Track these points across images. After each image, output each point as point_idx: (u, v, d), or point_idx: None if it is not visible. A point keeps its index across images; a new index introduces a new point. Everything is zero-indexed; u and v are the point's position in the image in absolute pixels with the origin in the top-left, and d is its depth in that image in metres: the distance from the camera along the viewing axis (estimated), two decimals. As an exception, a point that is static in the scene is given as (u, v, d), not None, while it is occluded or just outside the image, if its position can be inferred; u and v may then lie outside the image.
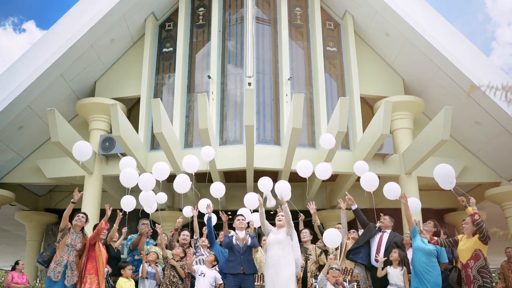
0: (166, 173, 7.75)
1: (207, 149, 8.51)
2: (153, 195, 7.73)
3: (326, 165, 8.18)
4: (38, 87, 11.01)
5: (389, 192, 7.35)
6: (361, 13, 12.35)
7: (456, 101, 11.32)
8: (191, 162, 8.16)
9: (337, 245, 6.92)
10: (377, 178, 7.51)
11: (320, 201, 13.38)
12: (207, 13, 12.72)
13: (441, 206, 13.78)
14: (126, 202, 7.56)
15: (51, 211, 14.41)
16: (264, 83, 11.76)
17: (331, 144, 8.17)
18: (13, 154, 12.03)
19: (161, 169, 7.67)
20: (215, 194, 8.26)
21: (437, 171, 6.60)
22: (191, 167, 8.12)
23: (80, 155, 7.15)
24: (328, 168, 8.07)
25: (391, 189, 7.45)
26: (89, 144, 7.30)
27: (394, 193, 7.41)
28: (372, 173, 7.59)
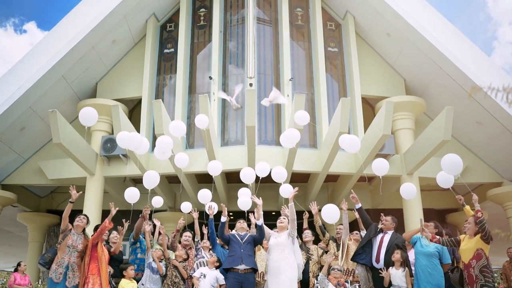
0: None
1: (201, 117, 8.38)
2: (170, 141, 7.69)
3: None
4: (39, 88, 11.03)
5: (405, 192, 7.27)
6: (362, 13, 12.35)
7: (457, 101, 11.31)
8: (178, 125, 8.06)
9: (336, 220, 6.94)
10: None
11: (322, 202, 13.26)
12: (208, 14, 12.72)
13: (443, 206, 13.77)
14: (130, 194, 7.62)
15: (53, 212, 14.43)
16: (265, 84, 11.76)
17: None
18: (15, 155, 12.05)
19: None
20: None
21: (445, 159, 6.59)
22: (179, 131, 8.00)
23: (86, 121, 7.06)
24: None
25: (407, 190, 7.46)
26: (95, 110, 7.21)
27: (410, 193, 7.43)
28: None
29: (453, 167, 6.55)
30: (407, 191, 7.45)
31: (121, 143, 7.33)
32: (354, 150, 7.35)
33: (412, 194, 7.51)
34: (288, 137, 7.85)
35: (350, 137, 7.29)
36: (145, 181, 7.66)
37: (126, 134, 7.38)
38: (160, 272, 6.80)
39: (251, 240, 6.66)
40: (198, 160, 10.87)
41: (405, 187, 7.51)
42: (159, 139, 7.72)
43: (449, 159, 6.55)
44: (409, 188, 7.47)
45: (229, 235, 6.79)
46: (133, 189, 7.89)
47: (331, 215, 6.87)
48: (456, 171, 6.54)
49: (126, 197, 7.75)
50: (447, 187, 7.09)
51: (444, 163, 6.58)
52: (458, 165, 6.51)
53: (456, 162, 6.51)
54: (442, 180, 7.09)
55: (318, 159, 10.95)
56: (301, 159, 10.70)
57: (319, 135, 11.40)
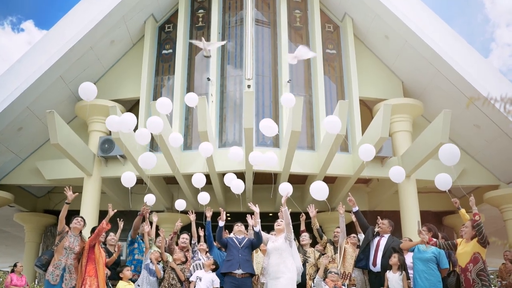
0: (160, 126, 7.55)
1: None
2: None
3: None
4: (37, 88, 11.01)
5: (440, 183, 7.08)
6: (360, 15, 12.36)
7: (455, 104, 11.33)
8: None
9: (325, 198, 6.94)
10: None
11: (319, 203, 13.27)
12: (206, 15, 12.72)
13: (440, 208, 13.80)
14: (127, 178, 7.61)
15: (50, 212, 14.41)
16: (263, 86, 11.77)
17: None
18: (12, 155, 12.03)
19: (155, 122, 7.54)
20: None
21: (443, 149, 6.58)
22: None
23: (86, 95, 7.01)
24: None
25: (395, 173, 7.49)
26: (94, 85, 7.20)
27: (399, 176, 7.49)
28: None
29: (451, 157, 6.52)
30: (396, 174, 7.45)
31: (111, 127, 7.32)
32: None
33: (401, 177, 7.52)
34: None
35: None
36: (141, 162, 7.65)
37: (115, 117, 7.36)
38: (158, 275, 6.80)
39: (249, 245, 6.66)
40: (195, 161, 10.87)
41: (393, 170, 7.51)
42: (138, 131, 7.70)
43: (447, 149, 6.54)
44: (398, 171, 7.48)
45: (227, 238, 6.80)
46: (130, 173, 7.92)
47: (319, 194, 6.83)
48: (453, 160, 6.50)
49: (123, 181, 7.89)
50: (444, 190, 7.09)
51: (441, 153, 6.57)
52: (456, 155, 6.48)
53: (454, 151, 6.49)
54: (440, 183, 7.09)
55: (316, 161, 10.96)
56: (298, 161, 10.72)
57: (316, 137, 11.41)
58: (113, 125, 7.38)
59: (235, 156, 8.34)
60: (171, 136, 8.23)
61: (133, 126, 7.27)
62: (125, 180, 7.89)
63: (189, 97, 8.12)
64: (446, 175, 7.07)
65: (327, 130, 7.73)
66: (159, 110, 7.88)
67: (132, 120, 7.16)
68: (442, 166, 11.08)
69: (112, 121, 7.31)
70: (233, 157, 8.38)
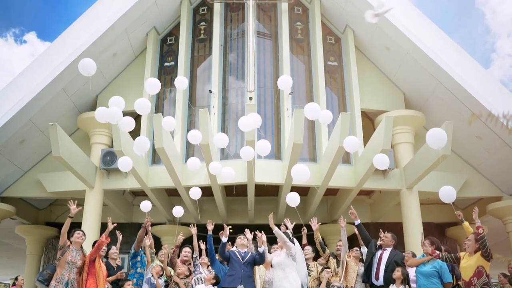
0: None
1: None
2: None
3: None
4: (40, 101, 11.05)
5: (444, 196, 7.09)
6: (361, 27, 12.40)
7: (456, 115, 11.33)
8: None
9: (306, 179, 6.98)
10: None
11: (321, 215, 13.35)
12: (208, 28, 12.77)
13: (443, 220, 13.74)
14: (123, 163, 7.75)
15: (51, 224, 14.38)
16: (265, 97, 11.79)
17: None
18: (14, 168, 12.04)
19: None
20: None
21: (429, 132, 6.53)
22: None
23: (86, 70, 6.96)
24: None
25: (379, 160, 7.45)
26: (92, 61, 7.10)
27: (383, 163, 7.39)
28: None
29: (438, 140, 6.46)
30: (380, 161, 7.43)
31: (100, 118, 7.28)
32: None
33: (385, 164, 7.50)
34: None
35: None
36: (136, 146, 7.61)
37: (104, 109, 7.29)
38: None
39: (252, 260, 6.64)
40: (197, 173, 10.85)
41: (378, 157, 7.49)
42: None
43: (433, 132, 6.48)
44: (382, 158, 7.45)
45: (229, 252, 6.77)
46: (126, 158, 7.88)
47: (300, 176, 6.89)
48: (440, 144, 6.44)
49: (119, 165, 7.90)
50: (448, 202, 7.04)
51: (429, 135, 6.51)
52: (443, 138, 6.42)
53: (440, 134, 6.44)
54: (444, 195, 7.03)
55: (318, 173, 10.93)
56: (300, 173, 10.68)
57: (318, 149, 11.40)
58: (102, 116, 7.30)
59: (193, 166, 8.49)
60: (165, 120, 8.25)
61: (120, 118, 7.17)
62: (138, 145, 7.60)
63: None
64: (450, 187, 7.03)
65: (347, 149, 7.77)
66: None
67: (119, 113, 7.11)
68: (444, 178, 11.19)
69: (101, 112, 7.27)
70: (192, 168, 8.61)
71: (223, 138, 8.12)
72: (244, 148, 8.13)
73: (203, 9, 13.09)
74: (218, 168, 8.62)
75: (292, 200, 7.82)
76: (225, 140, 8.13)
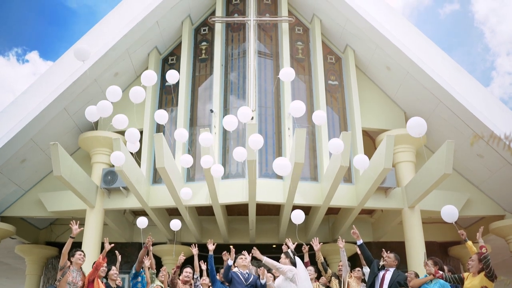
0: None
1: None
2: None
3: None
4: (41, 120, 11.08)
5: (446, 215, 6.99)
6: (362, 47, 12.48)
7: (457, 134, 11.34)
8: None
9: (287, 173, 7.08)
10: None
11: (323, 235, 13.28)
12: (209, 48, 12.87)
13: (445, 239, 13.65)
14: (115, 157, 7.69)
15: (51, 244, 14.28)
16: (266, 117, 11.81)
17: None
18: (15, 187, 12.01)
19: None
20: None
21: (410, 122, 6.48)
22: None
23: (81, 56, 6.88)
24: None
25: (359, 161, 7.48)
26: (87, 47, 6.98)
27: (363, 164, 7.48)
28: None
29: (418, 128, 6.41)
30: (360, 162, 7.39)
31: (89, 117, 7.23)
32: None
33: (364, 164, 7.49)
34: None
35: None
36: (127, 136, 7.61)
37: (93, 107, 7.25)
38: None
39: (254, 284, 6.59)
40: (199, 192, 10.84)
41: (357, 158, 7.45)
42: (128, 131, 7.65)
43: (413, 121, 6.45)
44: (362, 158, 7.42)
45: (231, 273, 6.71)
46: (119, 153, 7.85)
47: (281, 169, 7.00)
48: (419, 132, 6.39)
49: (111, 160, 7.81)
50: (451, 222, 6.99)
51: (409, 125, 6.46)
52: (423, 126, 6.36)
53: (420, 122, 6.38)
54: (446, 215, 6.99)
55: (319, 192, 10.91)
56: (302, 192, 10.67)
57: (320, 168, 11.38)
58: (91, 115, 7.28)
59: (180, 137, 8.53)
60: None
61: (110, 112, 7.15)
62: (114, 159, 7.68)
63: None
64: (452, 207, 7.00)
65: (331, 151, 7.79)
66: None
67: (109, 106, 7.09)
68: (446, 196, 11.15)
69: (90, 111, 7.26)
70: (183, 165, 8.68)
71: (187, 159, 8.37)
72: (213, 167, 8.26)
73: (204, 29, 13.20)
74: (189, 194, 8.80)
75: (296, 217, 7.82)
76: (190, 161, 8.44)
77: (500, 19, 47.91)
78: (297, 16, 13.17)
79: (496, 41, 49.52)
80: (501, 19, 47.68)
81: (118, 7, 12.07)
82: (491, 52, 50.02)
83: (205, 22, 13.26)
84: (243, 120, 7.65)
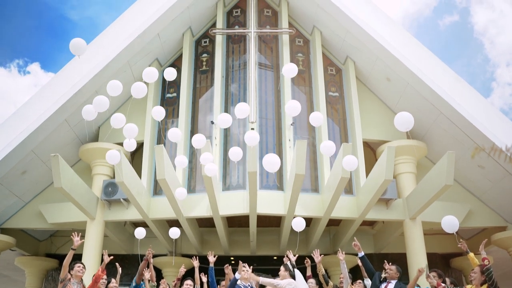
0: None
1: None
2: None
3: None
4: (42, 132, 11.08)
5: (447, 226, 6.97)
6: (362, 58, 12.52)
7: (458, 144, 11.33)
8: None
9: (276, 169, 7.19)
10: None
11: (324, 246, 13.22)
12: (210, 59, 12.91)
13: (447, 250, 13.59)
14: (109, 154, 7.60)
15: (51, 256, 14.20)
16: (267, 128, 11.82)
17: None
18: (15, 199, 11.99)
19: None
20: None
21: (397, 117, 6.41)
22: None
23: (77, 50, 6.80)
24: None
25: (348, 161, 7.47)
26: (83, 41, 6.85)
27: (351, 165, 7.43)
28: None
29: (404, 123, 6.35)
30: (348, 163, 7.33)
31: (86, 115, 7.18)
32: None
33: (353, 165, 7.46)
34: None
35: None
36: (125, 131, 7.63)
37: (89, 106, 7.20)
38: None
39: None
40: (199, 204, 10.82)
41: (346, 159, 7.44)
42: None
43: (400, 116, 6.34)
44: (350, 159, 7.37)
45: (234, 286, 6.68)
46: (114, 151, 7.80)
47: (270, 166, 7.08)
48: (405, 127, 6.33)
49: (107, 158, 7.73)
50: (451, 232, 6.96)
51: (397, 119, 6.38)
52: (410, 121, 6.27)
53: (407, 117, 6.28)
54: (447, 225, 6.96)
55: (320, 204, 10.89)
56: (302, 204, 10.65)
57: (320, 179, 11.36)
58: (88, 114, 7.25)
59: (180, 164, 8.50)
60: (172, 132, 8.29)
61: (107, 105, 7.12)
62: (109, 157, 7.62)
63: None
64: (452, 217, 6.97)
65: (323, 153, 7.78)
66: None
67: (105, 101, 7.06)
68: (448, 208, 11.11)
69: (87, 109, 7.24)
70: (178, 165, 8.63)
71: (182, 160, 8.44)
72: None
73: (205, 41, 13.26)
74: (183, 194, 8.72)
75: (297, 225, 7.80)
76: (184, 162, 8.52)
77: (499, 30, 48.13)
78: (297, 28, 13.23)
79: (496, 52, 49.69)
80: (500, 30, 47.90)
81: (119, 19, 12.12)
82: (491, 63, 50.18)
83: (206, 34, 13.33)
84: (240, 116, 7.62)
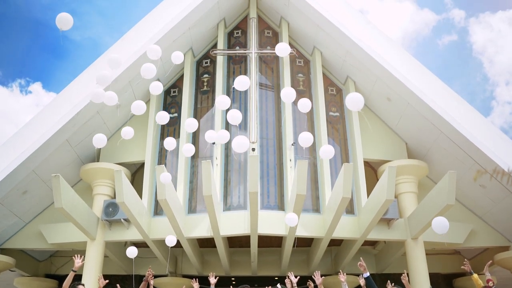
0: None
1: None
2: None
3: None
4: (43, 152, 11.09)
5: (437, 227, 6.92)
6: (362, 79, 12.58)
7: (459, 164, 11.33)
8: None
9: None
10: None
11: (326, 267, 13.13)
12: (211, 80, 12.98)
13: (450, 271, 13.48)
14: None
15: (51, 277, 14.05)
16: (267, 148, 11.82)
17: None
18: (15, 219, 11.94)
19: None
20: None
21: (348, 96, 6.41)
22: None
23: (63, 24, 6.66)
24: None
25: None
26: (70, 16, 6.67)
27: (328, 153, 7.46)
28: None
29: (356, 102, 6.29)
30: (325, 152, 7.31)
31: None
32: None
33: (330, 154, 7.52)
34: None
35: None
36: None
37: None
38: None
39: None
40: (200, 224, 10.79)
41: (323, 149, 7.54)
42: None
43: (351, 96, 6.38)
44: (327, 149, 7.31)
45: None
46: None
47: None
48: (359, 105, 6.31)
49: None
50: (442, 233, 6.81)
51: (348, 99, 6.41)
52: (359, 98, 6.29)
53: (357, 97, 6.30)
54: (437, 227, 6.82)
55: (321, 224, 10.85)
56: (304, 224, 10.61)
57: (321, 199, 11.33)
58: (97, 97, 7.26)
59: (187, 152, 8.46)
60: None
61: (116, 101, 7.17)
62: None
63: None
64: (443, 218, 6.88)
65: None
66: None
67: (114, 95, 7.09)
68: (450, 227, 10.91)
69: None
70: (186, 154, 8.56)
71: (189, 148, 8.46)
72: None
73: (206, 62, 13.35)
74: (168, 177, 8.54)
75: (291, 221, 7.78)
76: (192, 149, 8.44)
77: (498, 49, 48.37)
78: (298, 49, 13.33)
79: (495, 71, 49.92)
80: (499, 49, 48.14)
81: (121, 40, 12.23)
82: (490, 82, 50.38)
83: (207, 54, 13.43)
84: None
